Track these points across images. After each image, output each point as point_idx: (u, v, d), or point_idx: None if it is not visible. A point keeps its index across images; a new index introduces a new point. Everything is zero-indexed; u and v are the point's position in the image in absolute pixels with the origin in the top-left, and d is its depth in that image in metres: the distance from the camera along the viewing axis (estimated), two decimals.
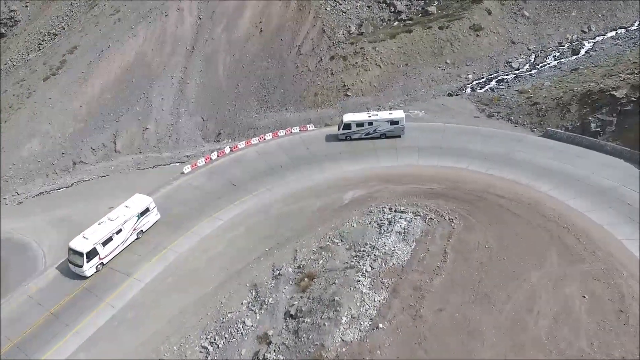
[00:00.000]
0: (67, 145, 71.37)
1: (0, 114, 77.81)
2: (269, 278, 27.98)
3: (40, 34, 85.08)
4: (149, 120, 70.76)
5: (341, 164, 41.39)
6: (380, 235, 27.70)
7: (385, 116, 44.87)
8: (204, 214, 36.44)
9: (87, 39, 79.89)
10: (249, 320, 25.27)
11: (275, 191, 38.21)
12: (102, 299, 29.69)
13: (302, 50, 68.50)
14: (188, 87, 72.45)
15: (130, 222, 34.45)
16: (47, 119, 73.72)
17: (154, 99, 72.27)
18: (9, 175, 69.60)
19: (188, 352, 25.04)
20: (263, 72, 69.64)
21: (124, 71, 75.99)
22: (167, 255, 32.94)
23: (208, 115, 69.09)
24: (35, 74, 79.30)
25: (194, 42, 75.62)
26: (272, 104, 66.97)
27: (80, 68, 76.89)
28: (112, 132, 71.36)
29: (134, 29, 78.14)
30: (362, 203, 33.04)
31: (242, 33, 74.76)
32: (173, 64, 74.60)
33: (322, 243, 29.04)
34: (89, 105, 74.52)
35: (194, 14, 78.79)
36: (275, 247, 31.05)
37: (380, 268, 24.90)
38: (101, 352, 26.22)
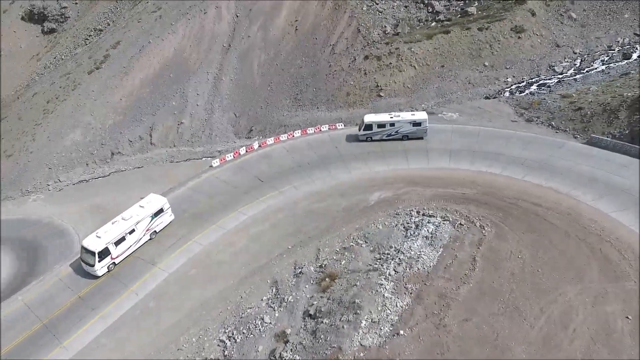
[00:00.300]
0: (107, 137, 73.97)
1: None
2: (290, 276, 27.62)
3: (87, 29, 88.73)
4: (184, 115, 72.26)
5: (369, 164, 40.59)
6: (406, 239, 26.77)
7: (408, 117, 43.60)
8: (229, 207, 36.60)
9: (129, 35, 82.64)
10: (268, 317, 24.98)
11: (301, 189, 37.90)
12: (127, 287, 30.27)
13: (336, 49, 68.05)
14: (222, 83, 73.48)
15: (143, 223, 34.13)
16: (90, 111, 76.68)
17: (189, 94, 73.81)
18: (53, 163, 72.80)
19: (206, 344, 25.03)
20: (296, 70, 69.67)
21: (162, 66, 78.02)
22: (192, 247, 33.25)
23: (241, 111, 69.80)
24: (80, 67, 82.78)
25: (230, 40, 76.70)
26: (304, 102, 66.86)
27: (122, 62, 79.59)
28: (149, 125, 73.31)
29: (173, 25, 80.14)
30: (388, 205, 32.16)
31: (277, 31, 75.13)
32: (209, 61, 75.95)
33: (345, 243, 28.42)
34: (129, 99, 76.97)
35: (231, 12, 79.94)
36: (298, 244, 30.69)
37: (404, 272, 24.01)
38: (123, 338, 26.66)
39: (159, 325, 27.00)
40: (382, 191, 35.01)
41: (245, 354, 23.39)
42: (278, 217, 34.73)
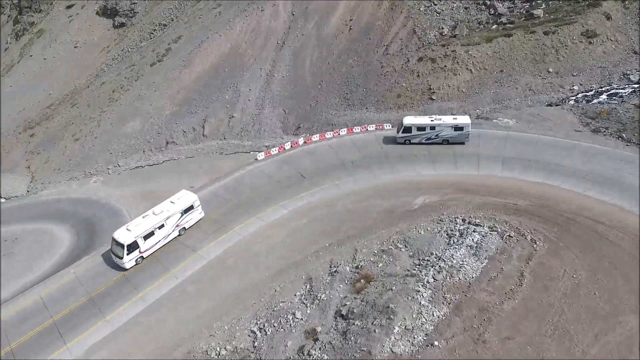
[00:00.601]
0: (163, 126, 77.39)
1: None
2: (325, 274, 27.21)
3: (153, 24, 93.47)
4: (235, 109, 74.08)
5: (416, 166, 39.32)
6: (448, 247, 25.49)
7: (449, 121, 42.11)
8: (270, 201, 36.87)
9: (190, 30, 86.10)
10: (299, 313, 24.73)
11: (342, 187, 37.43)
12: (168, 270, 31.28)
13: (390, 50, 66.87)
14: (274, 79, 74.50)
15: (173, 218, 34.28)
16: (149, 101, 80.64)
17: (242, 89, 75.55)
18: (114, 148, 77.34)
19: (237, 333, 25.20)
20: (348, 69, 69.23)
21: (219, 61, 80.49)
22: (232, 236, 33.79)
23: (290, 108, 70.43)
24: (144, 59, 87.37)
25: (284, 37, 77.68)
26: (353, 102, 66.29)
27: (181, 56, 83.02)
28: (202, 117, 75.89)
29: (231, 22, 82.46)
30: (432, 210, 30.88)
31: (331, 30, 75.07)
32: (263, 57, 77.32)
33: (384, 246, 27.57)
34: (185, 91, 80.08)
35: (287, 10, 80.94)
36: (335, 243, 30.23)
37: (444, 281, 22.82)
38: (160, 318, 27.50)
39: (195, 310, 27.58)
40: (427, 196, 33.73)
41: (274, 347, 23.27)
42: (317, 213, 34.48)
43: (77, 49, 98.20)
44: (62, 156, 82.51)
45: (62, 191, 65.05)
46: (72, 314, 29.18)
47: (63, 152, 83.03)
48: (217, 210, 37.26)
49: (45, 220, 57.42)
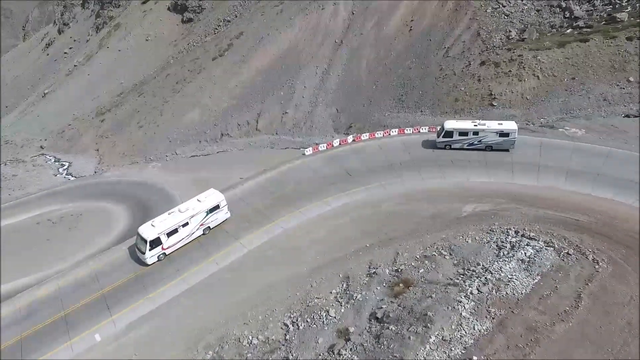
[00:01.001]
0: (219, 118, 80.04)
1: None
2: (363, 274, 26.49)
3: (218, 20, 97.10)
4: (289, 106, 74.96)
5: (468, 172, 37.42)
6: (497, 259, 23.83)
7: (494, 126, 40.17)
8: (314, 196, 36.67)
9: (252, 26, 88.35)
10: (333, 311, 24.21)
11: (389, 188, 36.41)
12: (210, 255, 32.03)
13: (451, 52, 64.54)
14: (329, 78, 74.44)
15: (198, 217, 33.87)
16: (209, 94, 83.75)
17: (297, 86, 76.32)
18: (173, 137, 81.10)
19: (270, 324, 25.16)
20: (405, 71, 67.70)
21: (277, 57, 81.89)
22: (273, 228, 33.97)
23: (343, 107, 70.07)
24: (207, 54, 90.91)
25: (343, 36, 77.46)
26: (408, 104, 64.70)
27: (241, 52, 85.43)
28: (257, 112, 77.57)
29: (292, 20, 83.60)
30: (483, 219, 29.10)
31: (391, 30, 73.83)
32: (320, 55, 77.58)
33: (427, 252, 26.34)
34: (243, 85, 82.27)
35: (348, 9, 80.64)
36: (376, 244, 29.38)
37: (489, 294, 21.31)
38: (198, 301, 28.18)
39: (231, 297, 27.94)
40: (478, 204, 31.89)
41: (305, 342, 22.95)
42: (360, 213, 33.77)
43: (148, 42, 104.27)
44: (127, 141, 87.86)
45: (124, 174, 69.20)
46: (119, 288, 30.68)
47: (128, 138, 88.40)
48: (261, 201, 37.67)
49: (106, 200, 61.36)
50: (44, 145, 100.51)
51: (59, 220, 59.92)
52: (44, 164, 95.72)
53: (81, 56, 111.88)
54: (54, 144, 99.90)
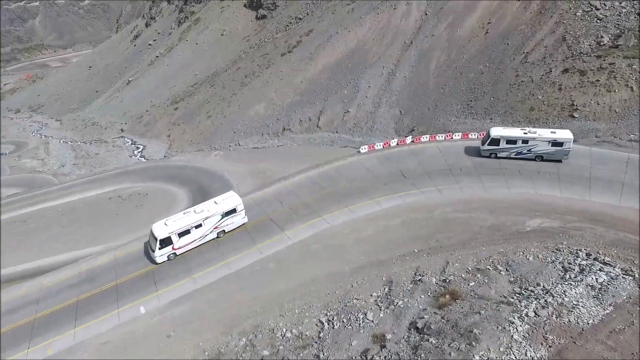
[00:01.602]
0: (283, 113, 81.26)
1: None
2: (407, 280, 24.96)
3: (290, 17, 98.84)
4: (351, 104, 74.20)
5: (536, 183, 34.20)
6: (562, 281, 21.20)
7: (547, 135, 37.76)
8: (365, 195, 35.52)
9: (322, 24, 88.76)
10: (371, 315, 22.99)
11: (445, 193, 34.25)
12: (255, 243, 32.11)
13: (530, 58, 60.03)
14: (395, 79, 72.61)
15: (212, 219, 32.97)
16: (274, 88, 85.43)
17: (361, 85, 75.32)
18: (237, 128, 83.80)
19: (305, 320, 24.51)
20: (476, 75, 64.13)
21: (344, 56, 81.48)
22: (320, 223, 33.36)
23: (407, 109, 67.99)
24: (276, 49, 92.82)
25: (413, 37, 75.19)
26: (477, 110, 61.16)
27: (309, 49, 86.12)
28: (319, 109, 77.67)
29: (362, 19, 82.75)
30: (549, 236, 26.20)
31: (465, 32, 70.37)
32: (388, 56, 75.94)
33: (481, 265, 24.20)
34: (308, 82, 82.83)
35: (421, 9, 78.17)
36: (426, 250, 27.63)
37: (548, 319, 18.94)
38: (239, 287, 28.29)
39: (271, 287, 27.72)
40: (545, 219, 28.87)
41: (338, 342, 21.99)
42: (412, 216, 32.06)
43: (223, 36, 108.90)
44: (195, 130, 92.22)
45: (189, 160, 72.64)
46: (167, 266, 31.78)
47: (197, 127, 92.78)
48: (311, 195, 37.25)
49: (171, 182, 64.82)
50: (124, 129, 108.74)
51: (128, 198, 64.20)
52: (122, 146, 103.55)
53: (163, 48, 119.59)
54: (133, 128, 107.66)
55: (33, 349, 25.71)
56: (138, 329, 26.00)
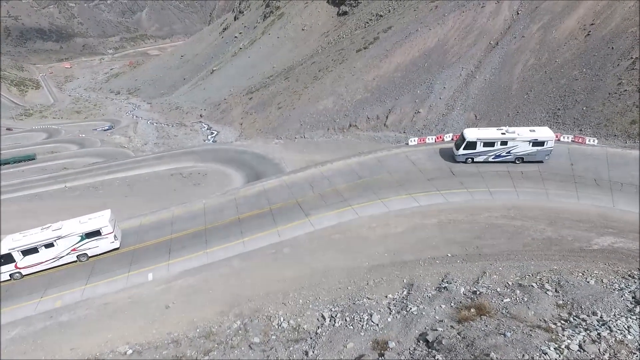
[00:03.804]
0: (351, 109, 79.24)
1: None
2: (431, 286, 21.13)
3: (371, 14, 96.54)
4: (423, 105, 69.94)
5: (617, 196, 27.86)
6: (628, 314, 16.07)
7: (526, 134, 34.95)
8: (404, 189, 31.77)
9: (402, 21, 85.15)
10: (377, 317, 19.63)
11: (498, 197, 29.29)
12: (275, 225, 30.14)
13: (638, 64, 51.25)
14: (474, 81, 66.87)
15: (67, 240, 28.65)
16: (345, 84, 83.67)
17: (436, 86, 70.71)
18: (304, 121, 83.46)
19: (307, 312, 21.86)
20: (569, 82, 56.49)
21: (421, 55, 77.24)
22: (348, 213, 30.38)
23: (483, 114, 62.09)
24: (353, 45, 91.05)
25: (499, 38, 68.83)
26: (565, 120, 53.70)
27: (386, 46, 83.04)
28: (389, 107, 74.38)
29: (445, 17, 77.79)
30: (621, 259, 20.56)
31: (561, 34, 62.56)
32: (469, 56, 70.38)
33: (525, 280, 19.61)
34: (380, 79, 79.86)
35: (512, 9, 71.39)
36: (461, 256, 23.40)
37: (599, 357, 14.22)
38: (248, 267, 26.52)
39: (281, 272, 25.48)
40: (619, 238, 22.96)
41: (332, 342, 18.98)
42: (452, 217, 27.71)
43: (303, 31, 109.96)
44: (265, 119, 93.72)
45: (249, 145, 73.53)
46: (185, 237, 31.11)
47: (267, 117, 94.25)
48: (345, 183, 34.38)
49: (229, 165, 66.27)
50: (202, 114, 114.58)
51: (188, 176, 66.60)
52: (199, 130, 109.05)
53: (247, 40, 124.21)
54: (210, 114, 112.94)
55: (45, 298, 26.29)
56: (141, 295, 25.33)
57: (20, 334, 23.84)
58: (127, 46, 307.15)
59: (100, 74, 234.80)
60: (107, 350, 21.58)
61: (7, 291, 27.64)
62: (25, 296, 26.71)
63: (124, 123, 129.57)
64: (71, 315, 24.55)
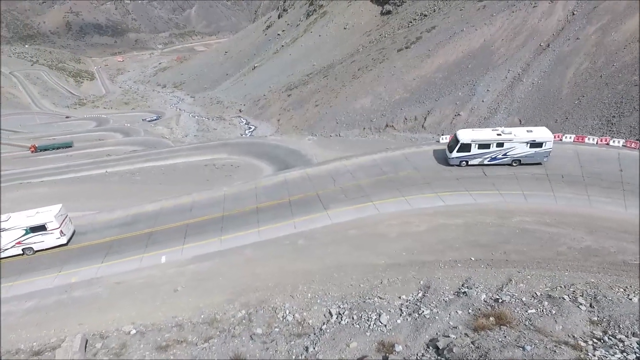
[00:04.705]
0: (388, 109, 77.42)
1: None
2: (450, 290, 19.41)
3: (415, 14, 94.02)
4: (464, 108, 67.16)
5: None
6: None
7: (523, 135, 33.27)
8: (429, 187, 29.88)
9: (447, 21, 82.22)
10: (386, 318, 18.18)
11: (532, 200, 26.79)
12: (293, 217, 29.23)
13: None
14: (521, 85, 63.39)
15: (11, 234, 28.32)
16: (384, 83, 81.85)
17: (479, 88, 67.67)
18: (341, 119, 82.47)
19: (315, 306, 20.72)
20: (627, 87, 52.19)
21: (464, 56, 74.28)
22: (367, 208, 28.91)
23: (528, 119, 58.72)
24: (394, 44, 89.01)
25: (551, 39, 64.83)
26: (619, 128, 49.56)
27: (428, 46, 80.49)
28: (427, 109, 72.04)
29: (493, 17, 74.40)
30: None
31: (621, 36, 58.08)
32: (516, 58, 66.84)
33: (555, 292, 17.50)
34: (420, 80, 77.49)
35: (567, 9, 67.07)
36: (486, 261, 21.41)
37: None
38: (260, 257, 25.75)
39: (293, 264, 24.48)
40: None
41: (336, 340, 17.73)
42: (479, 219, 25.58)
43: (345, 30, 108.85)
44: (302, 117, 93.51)
45: (283, 140, 73.41)
46: (203, 223, 30.92)
47: (304, 114, 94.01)
48: (368, 178, 32.91)
49: (261, 158, 66.58)
50: (242, 109, 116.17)
51: (221, 167, 67.35)
52: (237, 124, 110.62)
53: (289, 38, 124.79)
54: (249, 110, 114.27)
55: (63, 273, 26.70)
56: (153, 277, 25.16)
57: (36, 305, 24.28)
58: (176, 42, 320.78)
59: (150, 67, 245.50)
60: (113, 329, 21.45)
61: (30, 263, 28.43)
62: (45, 269, 27.31)
63: (168, 115, 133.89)
64: (84, 291, 24.76)
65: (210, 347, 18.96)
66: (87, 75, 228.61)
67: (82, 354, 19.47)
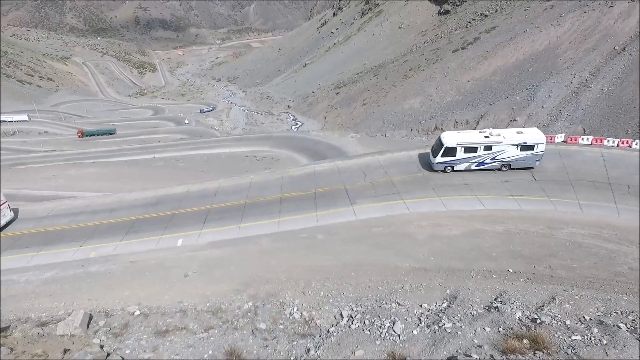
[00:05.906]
0: (438, 111, 73.92)
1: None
2: (479, 302, 16.86)
3: (475, 14, 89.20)
4: (521, 113, 62.58)
5: None
6: None
7: (513, 137, 30.76)
8: (468, 188, 27.09)
9: (509, 22, 77.14)
10: (401, 327, 16.00)
11: (588, 211, 23.35)
12: (316, 210, 27.56)
13: None
14: (588, 91, 57.89)
15: None
16: (436, 84, 78.24)
17: (539, 93, 62.75)
18: (387, 119, 79.99)
19: (326, 306, 18.90)
20: None
21: (526, 58, 69.33)
22: (397, 206, 26.59)
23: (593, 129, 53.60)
24: (450, 45, 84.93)
25: (628, 42, 58.69)
26: None
27: (486, 47, 75.94)
28: (481, 112, 68.00)
29: (562, 17, 68.75)
30: None
31: None
32: (585, 62, 61.18)
33: (608, 318, 14.49)
34: (475, 82, 73.37)
35: None
36: (526, 274, 18.50)
37: None
38: (276, 249, 24.34)
39: (310, 259, 22.79)
40: None
41: (341, 345, 15.84)
42: (522, 227, 22.44)
43: (400, 29, 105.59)
44: (349, 115, 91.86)
45: (326, 137, 72.12)
46: (225, 209, 30.19)
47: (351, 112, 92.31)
48: (401, 175, 30.51)
49: (302, 153, 65.93)
50: (290, 105, 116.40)
51: (262, 159, 67.25)
52: (284, 120, 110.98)
53: (342, 36, 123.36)
54: (297, 106, 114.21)
55: (83, 248, 26.85)
56: (166, 259, 24.51)
57: (54, 277, 24.37)
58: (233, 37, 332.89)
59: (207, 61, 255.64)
60: (118, 307, 20.87)
61: (58, 235, 28.90)
62: (68, 242, 27.59)
63: (219, 107, 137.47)
64: (100, 267, 24.56)
65: (209, 338, 17.71)
66: (150, 67, 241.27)
67: (82, 330, 18.91)
